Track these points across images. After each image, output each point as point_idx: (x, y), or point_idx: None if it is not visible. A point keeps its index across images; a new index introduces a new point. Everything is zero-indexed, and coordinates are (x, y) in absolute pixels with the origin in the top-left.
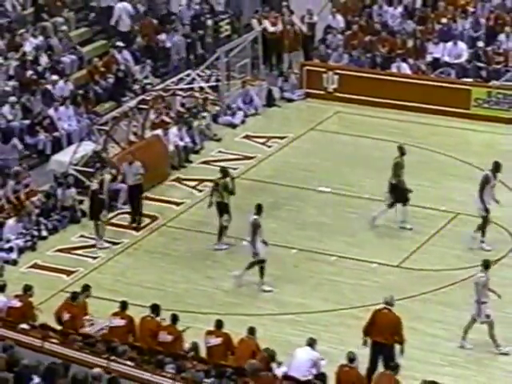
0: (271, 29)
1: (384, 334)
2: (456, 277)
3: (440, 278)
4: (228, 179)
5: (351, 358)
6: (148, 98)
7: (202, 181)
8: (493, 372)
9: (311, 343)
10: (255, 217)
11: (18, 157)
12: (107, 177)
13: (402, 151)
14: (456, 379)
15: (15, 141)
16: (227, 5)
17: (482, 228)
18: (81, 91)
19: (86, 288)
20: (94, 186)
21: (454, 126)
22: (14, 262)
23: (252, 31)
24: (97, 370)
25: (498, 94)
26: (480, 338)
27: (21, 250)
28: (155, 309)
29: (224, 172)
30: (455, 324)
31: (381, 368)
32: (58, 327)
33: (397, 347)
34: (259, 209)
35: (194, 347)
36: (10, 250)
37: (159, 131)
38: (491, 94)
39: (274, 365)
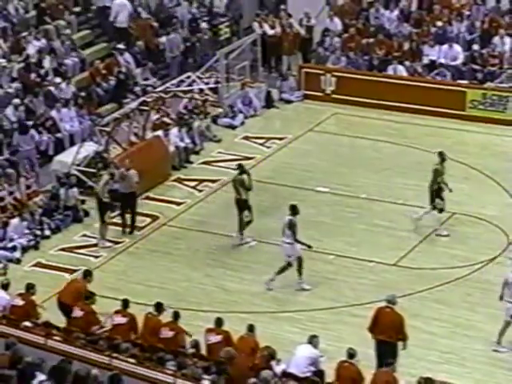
0: (271, 32)
1: (387, 333)
2: (452, 275)
3: (436, 277)
4: (245, 176)
5: (351, 354)
6: (149, 100)
7: (202, 181)
8: (488, 369)
9: (311, 341)
10: (290, 217)
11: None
12: (105, 177)
13: (442, 157)
14: (452, 376)
15: (32, 132)
16: (227, 8)
17: None
18: (83, 93)
19: (89, 273)
20: (98, 188)
21: (450, 127)
22: (18, 261)
23: (251, 34)
24: (93, 371)
25: (493, 96)
26: (476, 335)
27: (24, 249)
28: (159, 307)
29: (241, 168)
30: (451, 322)
31: None
32: (59, 322)
33: (399, 343)
34: (293, 209)
35: (195, 345)
36: (14, 248)
37: (160, 132)
38: (486, 96)
39: (273, 362)
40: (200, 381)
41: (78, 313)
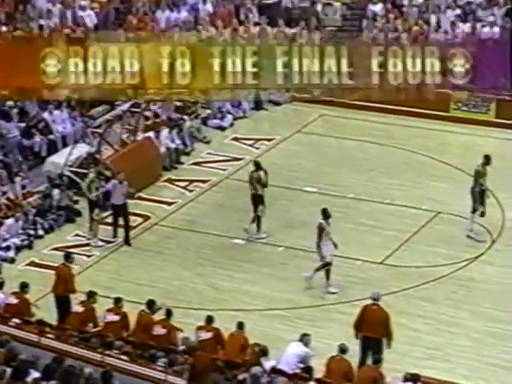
0: None
1: (373, 329)
2: (436, 273)
3: (421, 275)
4: (261, 172)
5: (343, 349)
6: (140, 102)
7: (193, 181)
8: (472, 365)
9: (303, 339)
10: (321, 221)
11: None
12: (91, 175)
13: (487, 161)
14: (437, 372)
15: (16, 120)
16: None
17: None
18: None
19: (68, 256)
20: (84, 186)
21: (435, 128)
22: (12, 260)
23: None
24: (87, 370)
25: (477, 98)
26: (460, 331)
27: (18, 249)
28: (151, 304)
29: (257, 165)
30: (436, 318)
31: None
32: (52, 320)
33: (384, 341)
34: (325, 213)
35: (185, 342)
36: (8, 248)
37: (151, 133)
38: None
39: (262, 359)
40: None
41: (79, 308)
